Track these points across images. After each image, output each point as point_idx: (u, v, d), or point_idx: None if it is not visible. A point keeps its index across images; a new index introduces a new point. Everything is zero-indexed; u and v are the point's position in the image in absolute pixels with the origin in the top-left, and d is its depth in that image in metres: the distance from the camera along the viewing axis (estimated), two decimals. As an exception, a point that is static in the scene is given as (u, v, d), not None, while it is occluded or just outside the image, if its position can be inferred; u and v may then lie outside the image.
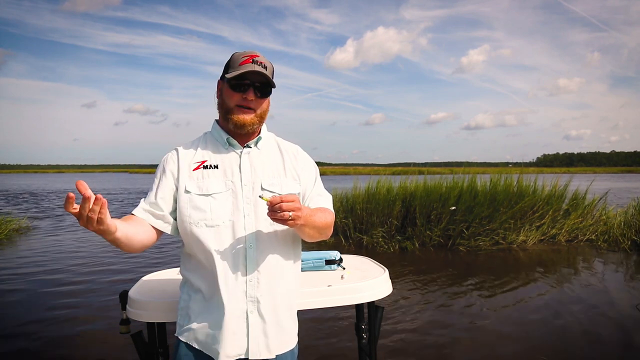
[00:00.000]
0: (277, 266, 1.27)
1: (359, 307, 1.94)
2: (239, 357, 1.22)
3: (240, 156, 1.31)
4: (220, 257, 1.22)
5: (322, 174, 1.45)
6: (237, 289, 1.22)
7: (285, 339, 1.29)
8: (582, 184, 8.28)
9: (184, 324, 1.28)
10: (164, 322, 1.61)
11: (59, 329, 3.69)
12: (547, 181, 7.96)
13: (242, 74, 1.25)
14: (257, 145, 1.35)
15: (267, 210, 1.13)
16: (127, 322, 1.66)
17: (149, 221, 1.25)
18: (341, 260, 2.02)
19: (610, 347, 3.26)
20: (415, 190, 7.45)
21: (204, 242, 1.23)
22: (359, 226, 7.37)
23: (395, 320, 3.84)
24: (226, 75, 1.28)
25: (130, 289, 1.69)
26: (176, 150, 1.34)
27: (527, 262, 6.17)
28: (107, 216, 0.98)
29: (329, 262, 1.98)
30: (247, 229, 1.24)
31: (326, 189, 1.43)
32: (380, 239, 7.03)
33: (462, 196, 7.19)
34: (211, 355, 1.23)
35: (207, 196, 1.25)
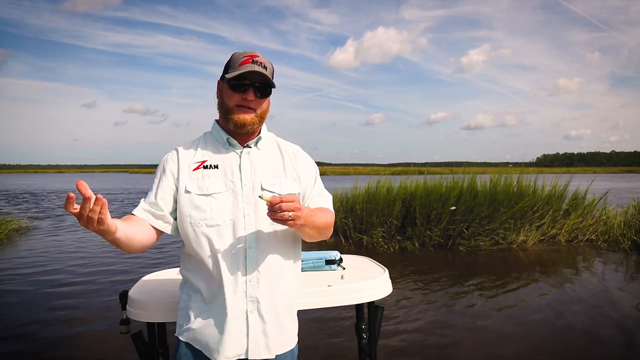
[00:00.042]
0: (277, 266, 1.27)
1: (359, 307, 1.94)
2: (238, 357, 1.22)
3: (240, 156, 1.31)
4: (220, 257, 1.22)
5: (322, 174, 1.45)
6: (237, 289, 1.22)
7: (285, 339, 1.29)
8: (582, 184, 8.27)
9: (184, 324, 1.28)
10: (164, 322, 1.61)
11: (58, 329, 3.69)
12: (547, 181, 7.96)
13: (242, 74, 1.25)
14: (257, 145, 1.35)
15: (267, 210, 1.14)
16: (127, 322, 1.66)
17: (149, 221, 1.25)
18: (341, 260, 2.02)
19: (610, 347, 3.26)
20: (415, 190, 7.45)
21: (204, 242, 1.23)
22: (359, 226, 7.37)
23: (395, 320, 3.84)
24: (226, 75, 1.29)
25: (130, 289, 1.69)
26: (176, 150, 1.34)
27: (527, 262, 6.17)
28: (107, 216, 0.99)
29: (329, 262, 1.98)
30: (247, 229, 1.24)
31: (326, 189, 1.42)
32: (380, 239, 7.02)
33: (462, 196, 7.19)
34: (211, 355, 1.23)
35: (207, 196, 1.25)
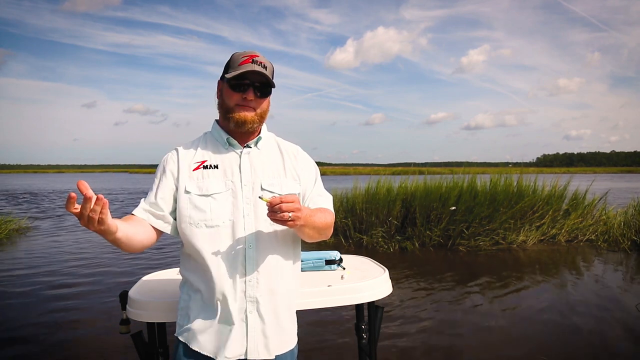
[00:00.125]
0: (277, 266, 1.27)
1: (359, 307, 1.94)
2: (238, 357, 1.22)
3: (240, 156, 1.31)
4: (220, 257, 1.22)
5: (322, 174, 1.45)
6: (236, 289, 1.22)
7: (284, 339, 1.29)
8: (582, 184, 8.27)
9: (184, 324, 1.28)
10: (164, 322, 1.61)
11: (58, 329, 3.69)
12: (547, 181, 7.97)
13: (241, 73, 1.25)
14: (257, 145, 1.35)
15: (267, 210, 1.13)
16: (127, 322, 1.65)
17: (149, 221, 1.26)
18: (341, 260, 2.02)
19: (610, 347, 3.26)
20: (415, 190, 7.45)
21: (203, 243, 1.23)
22: (359, 226, 7.37)
23: (395, 320, 3.84)
24: (226, 75, 1.29)
25: (130, 289, 1.69)
26: (176, 150, 1.34)
27: (527, 262, 6.17)
28: (108, 216, 0.99)
29: (329, 262, 1.98)
30: (246, 229, 1.24)
31: (326, 189, 1.42)
32: (380, 239, 7.03)
33: (462, 196, 7.19)
34: (211, 355, 1.23)
35: (207, 196, 1.25)
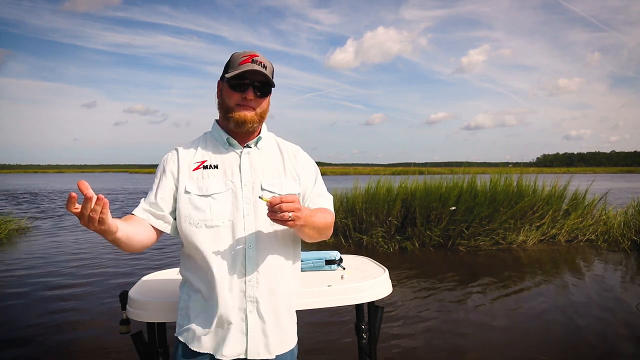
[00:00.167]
0: (277, 266, 1.27)
1: (359, 307, 1.94)
2: (238, 357, 1.22)
3: (240, 156, 1.31)
4: (219, 257, 1.22)
5: (322, 174, 1.44)
6: (236, 289, 1.22)
7: (284, 339, 1.29)
8: (582, 184, 8.27)
9: (184, 324, 1.28)
10: (164, 322, 1.61)
11: (58, 329, 3.69)
12: (547, 181, 7.97)
13: (241, 73, 1.25)
14: (257, 145, 1.35)
15: (267, 210, 1.13)
16: (127, 322, 1.65)
17: (149, 221, 1.26)
18: (341, 260, 2.02)
19: (611, 347, 3.26)
20: (415, 190, 7.45)
21: (203, 243, 1.23)
22: (359, 226, 7.37)
23: (396, 321, 3.84)
24: (226, 75, 1.29)
25: (130, 289, 1.69)
26: (176, 150, 1.34)
27: (527, 262, 6.17)
28: (108, 216, 0.99)
29: (329, 262, 1.98)
30: (246, 229, 1.24)
31: (326, 189, 1.42)
32: (380, 239, 7.03)
33: (462, 196, 7.19)
34: (211, 355, 1.23)
35: (207, 197, 1.25)
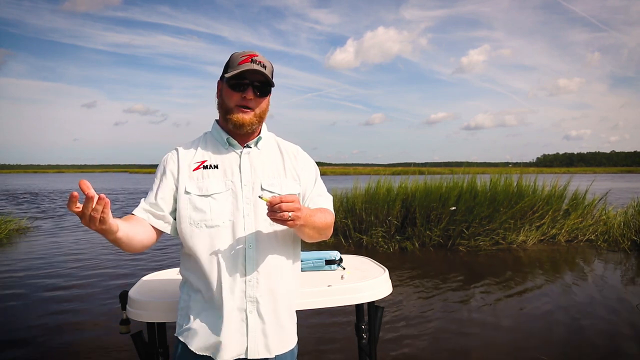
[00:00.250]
0: (277, 266, 1.27)
1: (359, 307, 1.94)
2: (238, 357, 1.22)
3: (240, 156, 1.32)
4: (219, 257, 1.22)
5: (322, 174, 1.45)
6: (236, 289, 1.22)
7: (284, 339, 1.29)
8: (582, 184, 8.28)
9: (184, 324, 1.28)
10: (164, 322, 1.61)
11: (58, 329, 3.69)
12: (547, 181, 7.97)
13: (241, 72, 1.25)
14: (257, 145, 1.35)
15: (266, 210, 1.14)
16: (127, 322, 1.66)
17: (149, 221, 1.26)
18: (341, 260, 2.02)
19: (610, 347, 3.26)
20: (415, 190, 7.45)
21: (203, 243, 1.23)
22: (359, 226, 7.37)
23: (397, 321, 3.84)
24: (225, 74, 1.29)
25: (130, 289, 1.69)
26: (176, 150, 1.34)
27: (528, 263, 6.17)
28: (109, 216, 0.99)
29: (329, 262, 1.98)
30: (246, 229, 1.24)
31: (326, 189, 1.42)
32: (380, 239, 7.03)
33: (462, 196, 7.19)
34: (211, 355, 1.23)
35: (207, 197, 1.25)
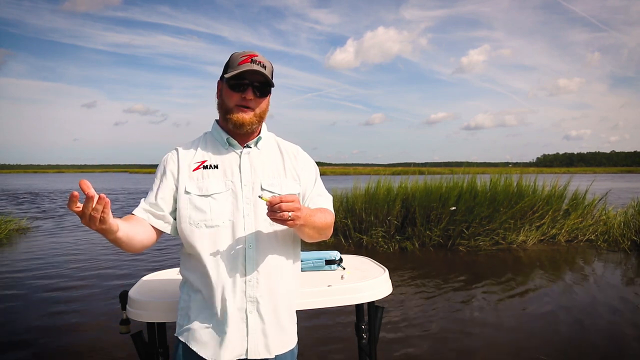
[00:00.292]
0: (277, 266, 1.27)
1: (359, 307, 1.94)
2: (238, 357, 1.22)
3: (240, 156, 1.32)
4: (219, 257, 1.22)
5: (322, 174, 1.45)
6: (236, 289, 1.22)
7: (285, 339, 1.29)
8: (582, 184, 8.28)
9: (184, 324, 1.28)
10: (164, 322, 1.61)
11: (58, 329, 3.69)
12: (547, 181, 7.97)
13: (240, 73, 1.25)
14: (257, 145, 1.35)
15: (266, 210, 1.14)
16: (127, 322, 1.66)
17: (149, 221, 1.26)
18: (341, 260, 2.02)
19: (610, 347, 3.26)
20: (415, 190, 7.45)
21: (203, 243, 1.23)
22: (359, 226, 7.37)
23: (399, 322, 3.84)
24: (225, 75, 1.28)
25: (130, 289, 1.69)
26: (176, 150, 1.34)
27: (527, 262, 6.17)
28: (109, 216, 0.99)
29: (329, 262, 1.98)
30: (246, 229, 1.24)
31: (326, 189, 1.42)
32: (380, 239, 7.03)
33: (462, 196, 7.19)
34: (211, 355, 1.22)
35: (207, 197, 1.25)
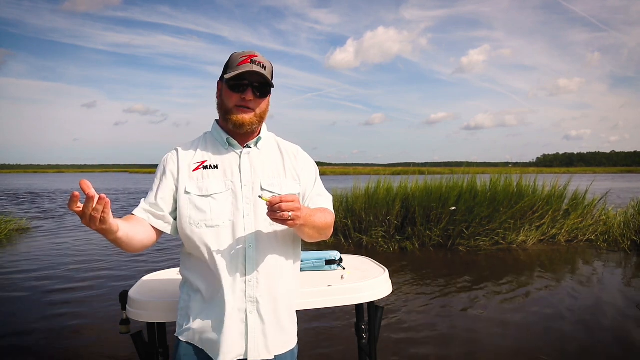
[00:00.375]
0: (277, 266, 1.27)
1: (359, 307, 1.94)
2: (238, 358, 1.22)
3: (240, 156, 1.32)
4: (219, 257, 1.22)
5: (322, 174, 1.45)
6: (236, 289, 1.22)
7: (284, 339, 1.29)
8: (582, 184, 8.27)
9: (184, 324, 1.28)
10: (164, 322, 1.62)
11: (58, 329, 3.69)
12: (547, 181, 7.97)
13: (240, 74, 1.25)
14: (257, 145, 1.35)
15: (266, 210, 1.14)
16: (127, 322, 1.66)
17: (149, 221, 1.26)
18: (341, 260, 2.02)
19: (610, 347, 3.26)
20: (415, 190, 7.45)
21: (203, 243, 1.23)
22: (359, 226, 7.37)
23: (396, 321, 3.84)
24: (225, 75, 1.28)
25: (130, 289, 1.69)
26: (176, 150, 1.34)
27: (527, 262, 6.17)
28: (109, 216, 0.99)
29: (329, 262, 1.98)
30: (246, 229, 1.24)
31: (326, 189, 1.43)
32: (380, 239, 7.03)
33: (462, 196, 7.19)
34: (211, 355, 1.23)
35: (207, 197, 1.25)
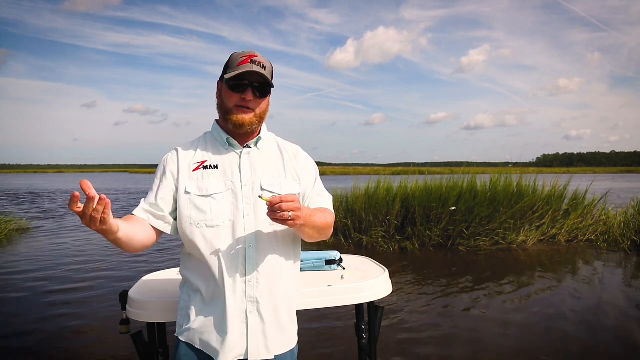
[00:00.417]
0: (277, 266, 1.27)
1: (359, 307, 1.94)
2: (238, 358, 1.22)
3: (240, 156, 1.32)
4: (220, 258, 1.22)
5: (322, 174, 1.45)
6: (236, 289, 1.22)
7: (284, 339, 1.29)
8: (582, 184, 8.27)
9: (184, 324, 1.28)
10: (164, 322, 1.62)
11: (58, 329, 3.69)
12: (547, 181, 7.97)
13: (240, 74, 1.25)
14: (257, 145, 1.35)
15: (267, 210, 1.14)
16: (127, 322, 1.66)
17: (149, 221, 1.26)
18: (341, 260, 2.02)
19: (611, 347, 3.26)
20: (415, 190, 7.45)
21: (203, 243, 1.23)
22: (359, 226, 7.37)
23: (398, 321, 3.84)
24: (225, 75, 1.28)
25: (130, 289, 1.69)
26: (176, 150, 1.34)
27: (527, 262, 6.17)
28: (110, 216, 0.99)
29: (329, 262, 1.98)
30: (246, 229, 1.24)
31: (326, 189, 1.43)
32: (380, 239, 7.03)
33: (462, 196, 7.19)
34: (211, 355, 1.23)
35: (207, 197, 1.25)
